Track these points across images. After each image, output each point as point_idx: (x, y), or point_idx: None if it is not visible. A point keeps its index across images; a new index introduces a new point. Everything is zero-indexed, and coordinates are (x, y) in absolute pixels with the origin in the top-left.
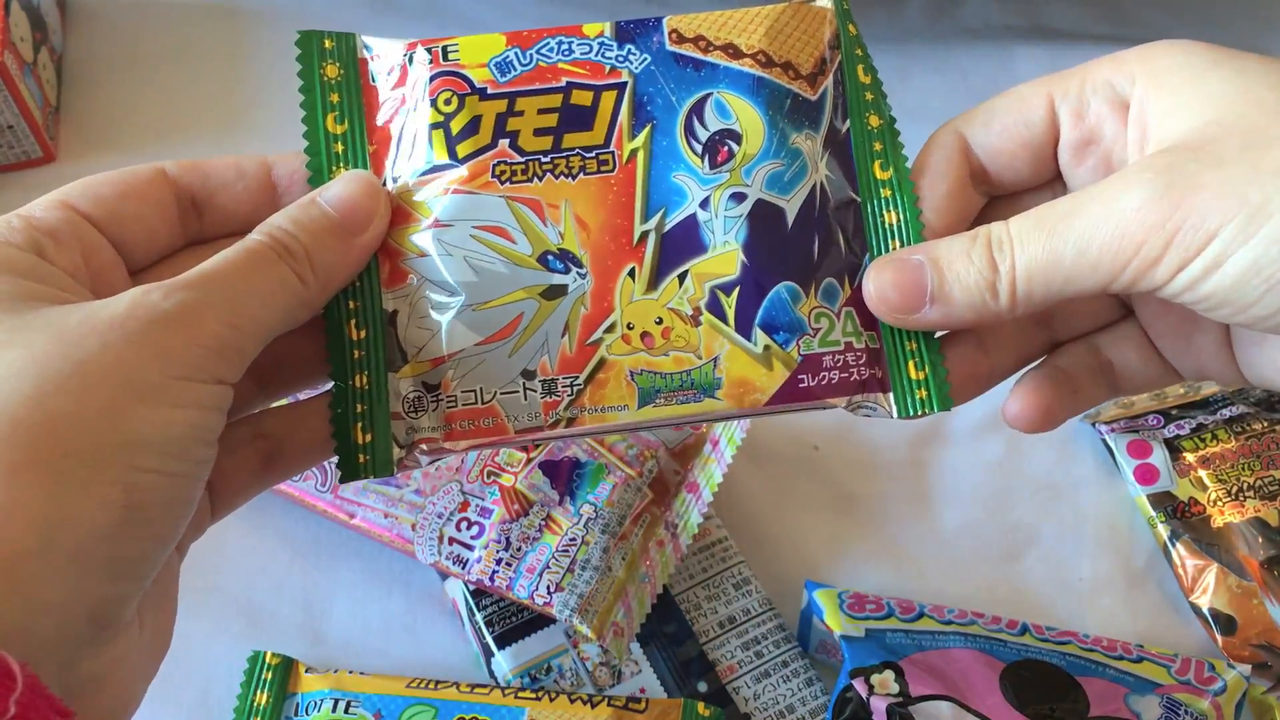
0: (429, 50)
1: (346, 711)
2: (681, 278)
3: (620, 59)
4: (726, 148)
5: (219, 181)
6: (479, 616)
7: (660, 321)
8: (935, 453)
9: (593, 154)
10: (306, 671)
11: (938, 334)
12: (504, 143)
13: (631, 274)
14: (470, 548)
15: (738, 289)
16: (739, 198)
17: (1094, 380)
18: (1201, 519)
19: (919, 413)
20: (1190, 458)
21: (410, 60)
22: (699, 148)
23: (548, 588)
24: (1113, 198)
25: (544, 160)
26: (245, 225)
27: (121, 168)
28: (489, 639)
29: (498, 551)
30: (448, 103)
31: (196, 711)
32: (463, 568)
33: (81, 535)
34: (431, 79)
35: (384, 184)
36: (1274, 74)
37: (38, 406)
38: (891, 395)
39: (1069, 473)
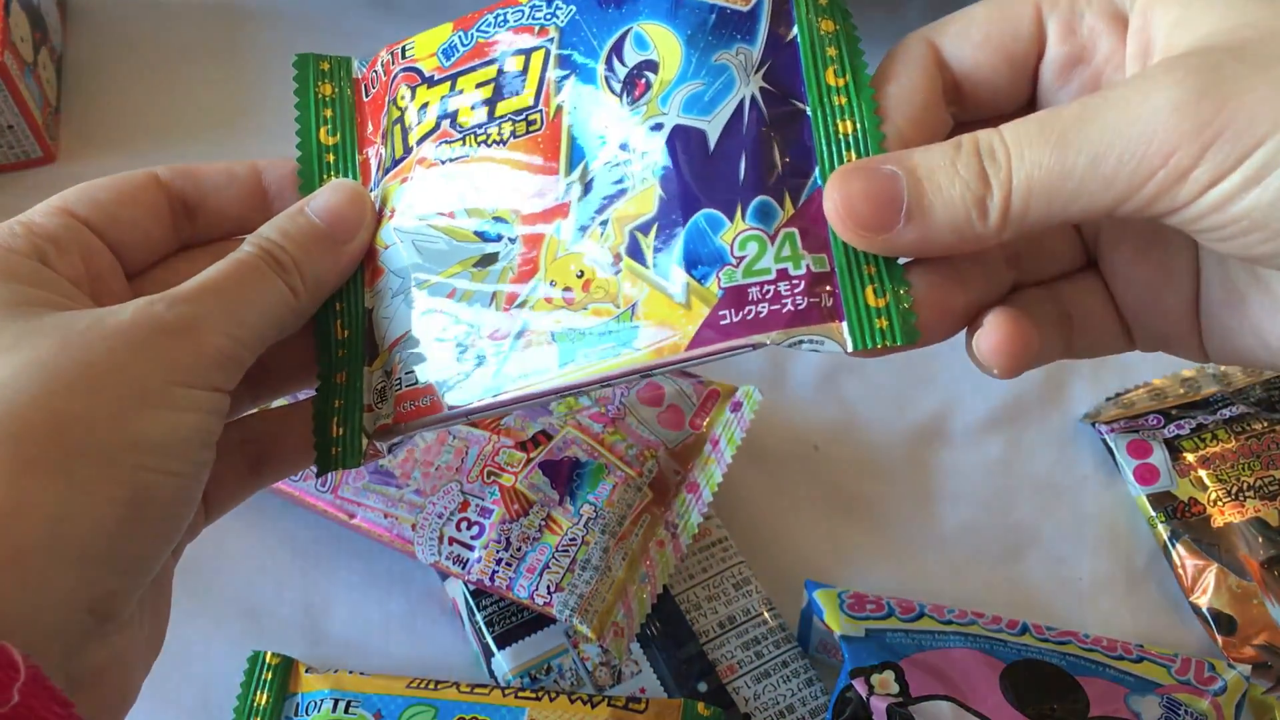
0: (390, 52)
1: (346, 711)
2: (604, 225)
3: (548, 17)
4: (644, 80)
5: (210, 186)
6: (479, 616)
7: (581, 275)
8: (935, 453)
9: (522, 116)
10: (306, 671)
11: (901, 260)
12: (445, 123)
13: (558, 231)
14: (470, 548)
15: (655, 226)
16: (657, 128)
17: (1053, 331)
18: (1201, 519)
19: (878, 344)
20: (1190, 458)
21: (380, 66)
22: (618, 86)
23: (548, 588)
24: (1139, 99)
25: (479, 132)
26: (236, 228)
27: (121, 168)
28: (489, 639)
29: (498, 551)
30: (403, 97)
31: (196, 711)
32: (463, 568)
33: (88, 531)
34: (394, 79)
35: (372, 190)
36: None
37: (45, 407)
38: (845, 325)
39: (1069, 473)
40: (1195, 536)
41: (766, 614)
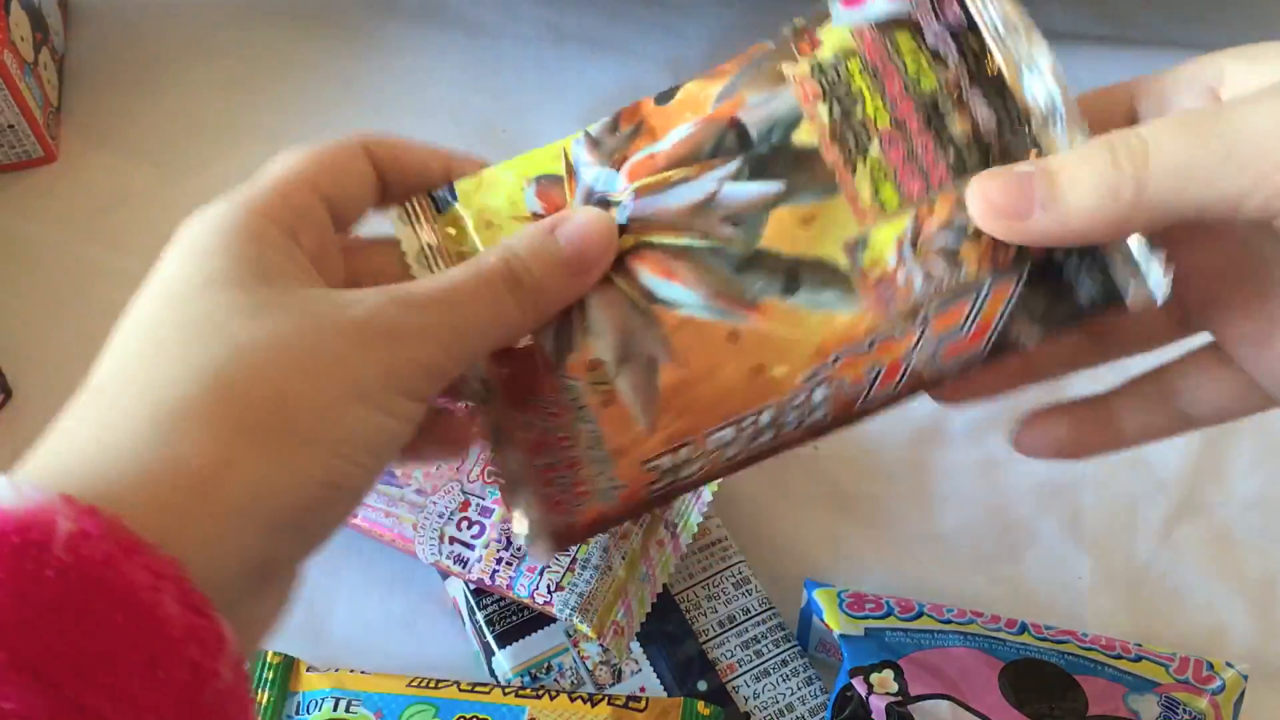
0: None
1: (348, 710)
2: None
3: None
4: None
5: (408, 169)
6: (479, 615)
7: None
8: (935, 453)
9: None
10: (308, 670)
11: None
12: None
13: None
14: (471, 547)
15: None
16: None
17: (1154, 409)
18: None
19: None
20: None
21: None
22: None
23: (548, 587)
24: (1271, 103)
25: None
26: None
27: (122, 168)
28: (489, 638)
29: (498, 551)
30: None
31: None
32: (463, 567)
33: (285, 504)
34: None
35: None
36: None
37: (271, 380)
38: None
39: (1067, 472)
40: None
41: (766, 613)
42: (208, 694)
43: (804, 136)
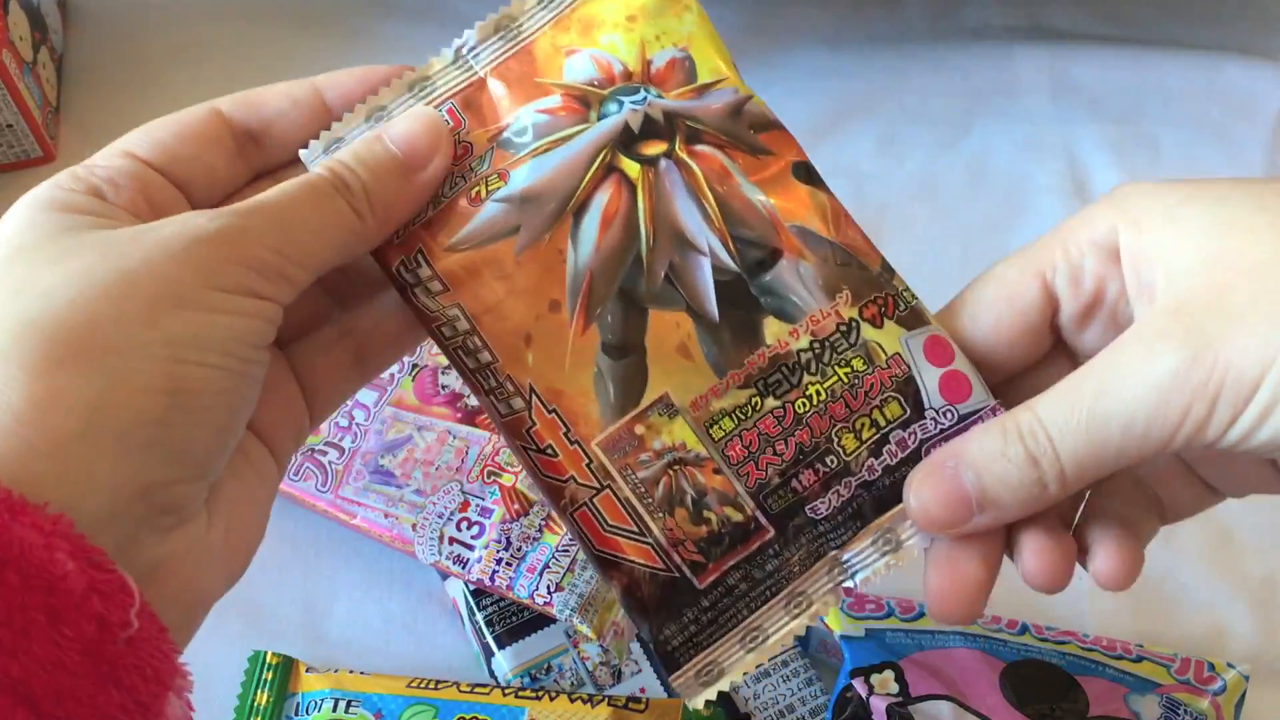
0: None
1: (347, 711)
2: None
3: None
4: None
5: (273, 111)
6: (479, 616)
7: None
8: None
9: None
10: (307, 671)
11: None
12: None
13: None
14: (471, 547)
15: None
16: None
17: (1146, 516)
18: None
19: None
20: None
21: None
22: None
23: (548, 587)
24: (1145, 368)
25: None
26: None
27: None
28: (489, 638)
29: (498, 551)
30: None
31: (196, 710)
32: (463, 567)
33: (126, 418)
34: None
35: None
36: (1250, 197)
37: (79, 309)
38: None
39: None
40: None
41: None
42: (119, 644)
43: (775, 327)
